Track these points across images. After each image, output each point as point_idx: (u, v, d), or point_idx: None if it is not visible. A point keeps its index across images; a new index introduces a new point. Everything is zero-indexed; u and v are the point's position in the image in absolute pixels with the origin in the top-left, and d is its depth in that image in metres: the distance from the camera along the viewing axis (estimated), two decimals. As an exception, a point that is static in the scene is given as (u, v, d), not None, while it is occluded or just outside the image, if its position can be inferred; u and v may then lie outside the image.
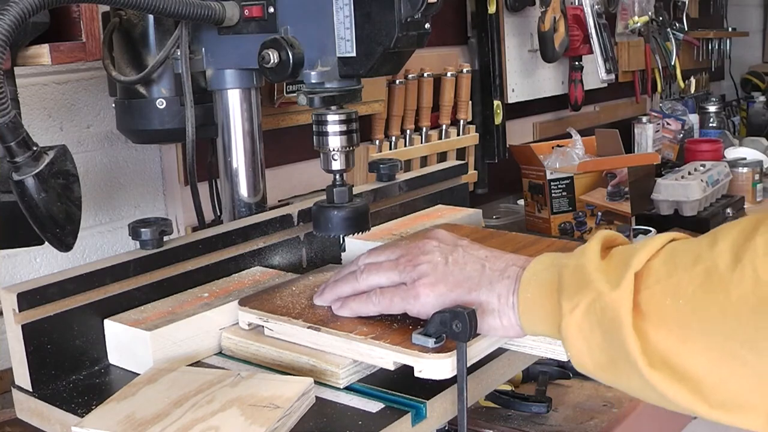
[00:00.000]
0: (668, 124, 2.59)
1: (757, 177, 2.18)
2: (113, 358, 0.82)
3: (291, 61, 0.90)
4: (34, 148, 0.77)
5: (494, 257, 0.76)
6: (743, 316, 0.57)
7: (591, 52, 2.24)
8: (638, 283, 0.63)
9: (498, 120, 2.01)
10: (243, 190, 1.05)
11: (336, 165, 0.92)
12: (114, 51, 1.04)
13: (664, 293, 0.61)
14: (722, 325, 0.58)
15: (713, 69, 3.29)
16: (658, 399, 0.62)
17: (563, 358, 0.76)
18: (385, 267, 0.79)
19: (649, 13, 2.63)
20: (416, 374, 0.70)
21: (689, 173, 2.00)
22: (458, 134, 1.90)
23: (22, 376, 0.77)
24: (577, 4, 2.21)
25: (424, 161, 1.81)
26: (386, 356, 0.72)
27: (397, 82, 1.72)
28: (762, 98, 3.22)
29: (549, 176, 1.77)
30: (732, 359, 0.58)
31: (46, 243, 0.83)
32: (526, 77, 2.20)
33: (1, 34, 0.70)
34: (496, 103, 2.01)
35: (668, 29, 2.73)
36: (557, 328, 0.67)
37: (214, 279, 0.92)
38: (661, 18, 2.73)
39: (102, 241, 1.28)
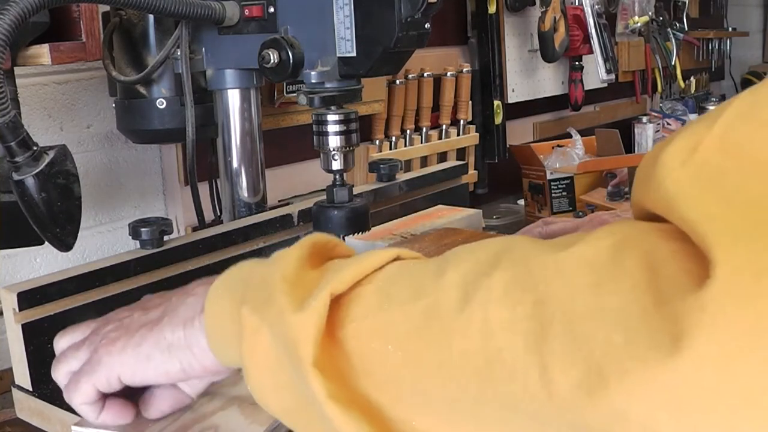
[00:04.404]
0: (668, 124, 2.59)
1: (757, 177, 2.18)
2: (113, 357, 0.81)
3: (291, 61, 0.90)
4: (34, 148, 0.77)
5: (187, 287, 0.61)
6: (465, 377, 0.42)
7: (591, 52, 2.24)
8: (342, 314, 0.47)
9: (498, 120, 2.01)
10: (243, 190, 1.06)
11: (336, 165, 0.92)
12: (114, 51, 1.04)
13: (371, 333, 0.46)
14: (441, 386, 0.43)
15: (713, 69, 3.29)
16: None
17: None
18: (71, 350, 0.64)
19: (649, 13, 2.63)
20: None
21: (689, 173, 1.99)
22: (458, 134, 1.90)
23: (22, 375, 0.77)
24: (577, 4, 2.21)
25: (424, 161, 1.81)
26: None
27: (397, 82, 1.72)
28: (762, 98, 3.22)
29: (549, 176, 1.77)
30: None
31: (46, 243, 0.83)
32: (526, 77, 2.20)
33: (1, 34, 0.71)
34: (496, 103, 2.01)
35: (668, 29, 2.73)
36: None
37: (214, 279, 0.92)
38: (661, 18, 2.72)
39: (102, 241, 1.28)
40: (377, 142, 1.72)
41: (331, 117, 0.91)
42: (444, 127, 1.87)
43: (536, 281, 0.41)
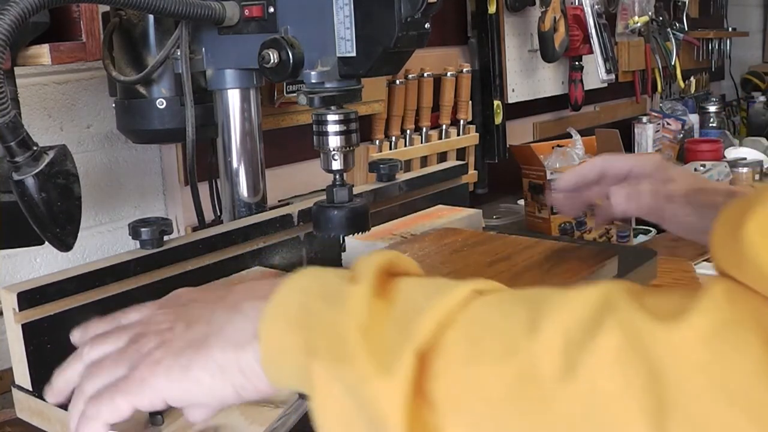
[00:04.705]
0: (668, 124, 2.59)
1: (757, 177, 2.18)
2: (113, 357, 0.81)
3: (291, 61, 0.90)
4: (34, 148, 0.77)
5: (231, 293, 0.58)
6: None
7: (591, 52, 2.24)
8: (426, 367, 0.44)
9: (498, 120, 2.01)
10: (243, 190, 1.06)
11: (336, 165, 0.92)
12: (114, 51, 1.04)
13: (459, 389, 0.43)
14: None
15: (713, 69, 3.29)
16: None
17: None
18: (107, 363, 0.59)
19: (649, 13, 2.63)
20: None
21: (689, 173, 1.99)
22: (458, 134, 1.90)
23: (22, 375, 0.77)
24: (577, 4, 2.21)
25: (424, 161, 1.81)
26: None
27: (397, 82, 1.72)
28: (762, 98, 3.22)
29: (549, 176, 1.77)
30: None
31: (46, 243, 0.83)
32: (526, 77, 2.20)
33: (1, 34, 0.71)
34: (496, 103, 2.01)
35: (668, 29, 2.73)
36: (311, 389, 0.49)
37: (214, 279, 0.92)
38: (661, 18, 2.73)
39: (102, 241, 1.28)
40: (377, 142, 1.72)
41: (331, 117, 0.91)
42: (444, 127, 1.87)
43: (648, 352, 0.38)
